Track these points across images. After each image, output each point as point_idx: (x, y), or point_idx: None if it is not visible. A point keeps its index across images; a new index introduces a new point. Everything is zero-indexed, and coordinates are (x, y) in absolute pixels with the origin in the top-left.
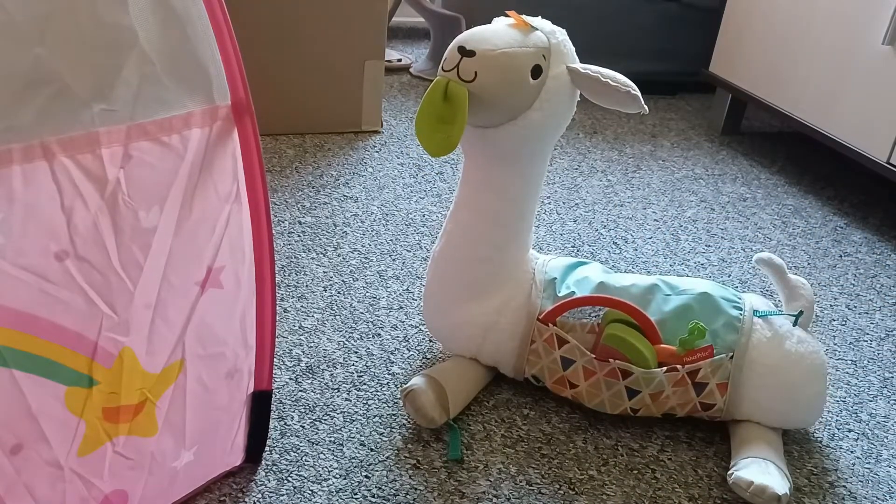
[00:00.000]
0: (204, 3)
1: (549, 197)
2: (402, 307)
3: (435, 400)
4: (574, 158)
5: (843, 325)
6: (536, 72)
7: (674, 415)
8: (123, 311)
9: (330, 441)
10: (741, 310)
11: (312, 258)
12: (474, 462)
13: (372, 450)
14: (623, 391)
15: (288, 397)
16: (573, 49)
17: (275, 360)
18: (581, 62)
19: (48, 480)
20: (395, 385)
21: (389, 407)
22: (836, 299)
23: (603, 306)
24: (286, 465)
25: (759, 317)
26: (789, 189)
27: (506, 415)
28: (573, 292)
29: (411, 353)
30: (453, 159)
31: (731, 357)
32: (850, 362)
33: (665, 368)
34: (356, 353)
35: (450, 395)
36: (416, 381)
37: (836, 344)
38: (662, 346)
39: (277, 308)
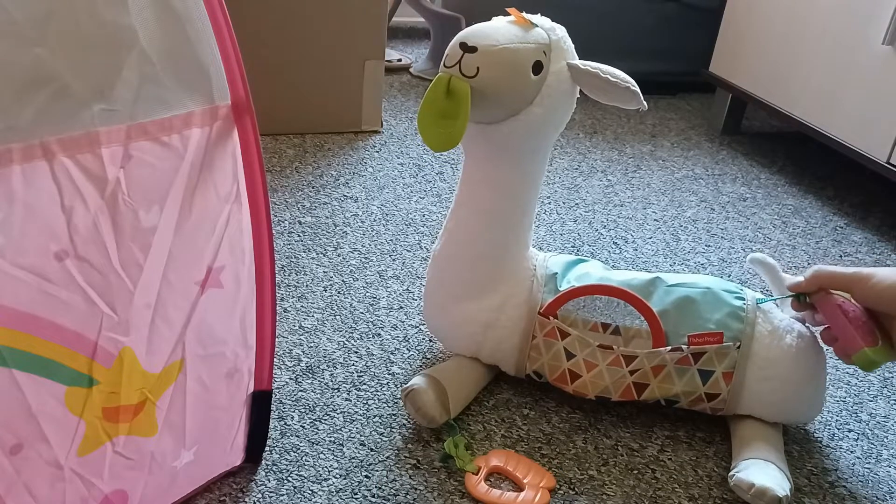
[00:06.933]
0: (204, 3)
1: (549, 197)
2: (402, 307)
3: (436, 399)
4: (574, 158)
5: None
6: (538, 68)
7: (677, 402)
8: (123, 310)
9: (330, 441)
10: (744, 300)
11: (312, 258)
12: None
13: (372, 450)
14: (627, 376)
15: (288, 397)
16: (573, 46)
17: (275, 360)
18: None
19: (48, 480)
20: (395, 385)
21: (389, 407)
22: None
23: (604, 296)
24: (286, 465)
25: (760, 304)
26: (789, 189)
27: (506, 415)
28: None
29: (411, 353)
30: (453, 159)
31: (739, 347)
32: None
33: (669, 348)
34: (356, 353)
35: (450, 395)
36: (417, 380)
37: None
38: None
39: (277, 308)
